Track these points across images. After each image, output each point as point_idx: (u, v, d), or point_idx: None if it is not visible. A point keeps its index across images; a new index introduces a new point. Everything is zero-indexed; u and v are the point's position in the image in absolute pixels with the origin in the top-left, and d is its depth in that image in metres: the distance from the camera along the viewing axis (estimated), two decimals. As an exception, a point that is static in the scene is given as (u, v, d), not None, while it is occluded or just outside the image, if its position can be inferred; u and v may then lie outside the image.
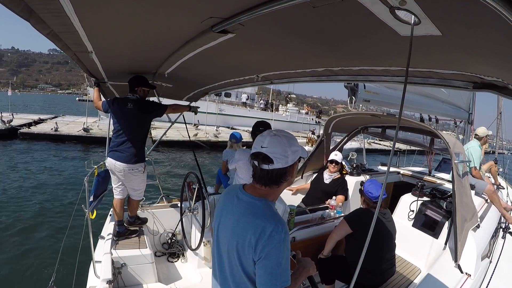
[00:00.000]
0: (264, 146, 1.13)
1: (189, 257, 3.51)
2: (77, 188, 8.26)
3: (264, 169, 1.13)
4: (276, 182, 1.16)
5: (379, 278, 2.60)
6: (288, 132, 1.24)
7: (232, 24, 1.25)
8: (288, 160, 1.13)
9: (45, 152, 13.08)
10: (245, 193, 1.21)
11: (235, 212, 1.18)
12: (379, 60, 1.59)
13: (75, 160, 12.04)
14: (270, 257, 1.04)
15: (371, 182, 2.71)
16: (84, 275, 2.66)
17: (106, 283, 2.28)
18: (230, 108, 27.98)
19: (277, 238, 1.04)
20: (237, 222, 1.15)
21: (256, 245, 1.05)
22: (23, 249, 5.15)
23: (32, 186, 8.46)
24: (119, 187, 3.23)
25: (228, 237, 1.17)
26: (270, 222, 1.07)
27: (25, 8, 1.12)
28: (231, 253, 1.15)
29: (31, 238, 5.57)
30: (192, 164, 12.84)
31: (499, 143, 9.65)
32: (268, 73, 2.39)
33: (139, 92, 3.11)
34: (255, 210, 1.14)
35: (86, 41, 1.68)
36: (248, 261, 1.10)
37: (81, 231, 2.83)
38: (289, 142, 1.15)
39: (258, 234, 1.06)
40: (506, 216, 4.17)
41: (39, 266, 4.66)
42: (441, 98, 5.11)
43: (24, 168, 10.24)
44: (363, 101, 3.58)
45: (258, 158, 1.13)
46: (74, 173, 10.19)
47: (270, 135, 1.16)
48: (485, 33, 0.93)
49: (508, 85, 1.27)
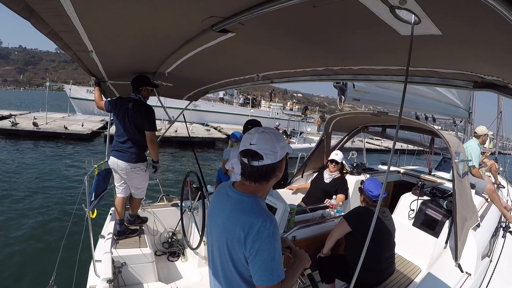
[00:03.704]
0: (253, 143, 1.15)
1: (189, 256, 3.52)
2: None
3: (254, 166, 1.15)
4: (265, 178, 1.18)
5: (379, 276, 2.60)
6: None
7: (232, 24, 1.25)
8: (277, 155, 1.16)
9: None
10: (234, 190, 1.23)
11: (225, 209, 1.20)
12: (379, 59, 1.59)
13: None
14: (262, 252, 1.06)
15: (371, 181, 2.71)
16: (85, 274, 2.66)
17: (106, 282, 2.28)
18: (205, 103, 26.45)
19: (265, 233, 1.06)
20: (227, 219, 1.16)
21: (246, 241, 1.07)
22: (23, 248, 5.16)
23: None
24: (122, 185, 3.25)
25: (219, 234, 1.19)
26: (258, 218, 1.08)
27: (25, 7, 1.13)
28: (222, 250, 1.17)
29: (32, 237, 5.57)
30: (192, 163, 12.85)
31: (504, 143, 9.64)
32: (268, 72, 2.39)
33: (143, 91, 3.13)
34: (243, 206, 1.16)
35: (86, 40, 1.68)
36: (239, 258, 1.11)
37: (81, 230, 2.84)
38: (277, 138, 1.17)
39: (246, 230, 1.07)
40: (506, 216, 4.17)
41: (40, 265, 4.67)
42: (439, 98, 5.10)
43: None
44: (352, 99, 3.58)
45: (248, 155, 1.15)
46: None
47: (258, 132, 1.18)
48: (485, 32, 0.93)
49: (508, 84, 1.27)
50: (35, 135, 15.28)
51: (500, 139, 9.37)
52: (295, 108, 33.30)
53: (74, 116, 22.95)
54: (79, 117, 22.37)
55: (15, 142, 14.07)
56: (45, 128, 16.17)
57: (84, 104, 25.28)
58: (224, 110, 27.59)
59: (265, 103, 34.05)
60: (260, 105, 32.85)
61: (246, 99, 31.66)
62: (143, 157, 3.21)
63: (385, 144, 24.30)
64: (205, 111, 25.68)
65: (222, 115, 26.93)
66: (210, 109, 26.36)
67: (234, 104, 30.61)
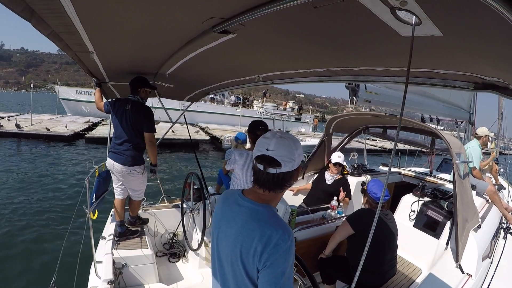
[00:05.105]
0: (270, 149, 1.06)
1: (190, 257, 3.52)
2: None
3: (270, 173, 1.06)
4: (280, 186, 1.11)
5: (380, 278, 2.60)
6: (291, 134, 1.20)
7: (233, 25, 1.25)
8: (295, 163, 1.08)
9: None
10: (245, 199, 1.14)
11: (237, 220, 1.11)
12: (380, 60, 1.59)
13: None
14: (275, 266, 1.00)
15: (375, 182, 2.71)
16: (85, 275, 2.66)
17: (107, 284, 2.28)
18: (194, 104, 25.82)
19: (283, 246, 1.00)
20: (241, 231, 1.08)
21: (262, 253, 1.00)
22: (24, 249, 5.16)
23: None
24: (120, 187, 3.24)
25: (231, 247, 1.10)
26: (277, 230, 1.02)
27: (26, 8, 1.13)
28: (235, 263, 1.09)
29: (32, 238, 5.57)
30: (193, 164, 12.85)
31: (506, 144, 9.64)
32: (269, 73, 2.39)
33: (141, 93, 3.12)
34: (259, 217, 1.08)
35: (87, 41, 1.69)
36: (253, 270, 1.05)
37: (82, 231, 2.84)
38: (295, 145, 1.10)
39: (264, 242, 1.01)
40: (507, 217, 4.16)
41: (40, 266, 4.67)
42: (441, 98, 5.10)
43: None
44: (364, 101, 3.57)
45: (265, 161, 1.06)
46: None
47: (275, 136, 1.09)
48: (486, 34, 0.93)
49: (509, 86, 1.27)
50: (17, 136, 15.30)
51: (501, 139, 9.36)
52: (288, 108, 32.77)
53: (62, 118, 22.60)
54: (67, 119, 22.16)
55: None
56: (29, 129, 16.17)
57: (74, 105, 25.11)
58: (213, 110, 26.91)
59: (258, 103, 33.18)
60: (252, 105, 32.08)
61: (238, 99, 30.63)
62: (140, 160, 3.16)
63: (379, 144, 24.26)
64: (193, 111, 24.37)
65: (213, 115, 26.42)
66: (197, 109, 24.93)
67: (226, 104, 29.83)
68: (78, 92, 25.24)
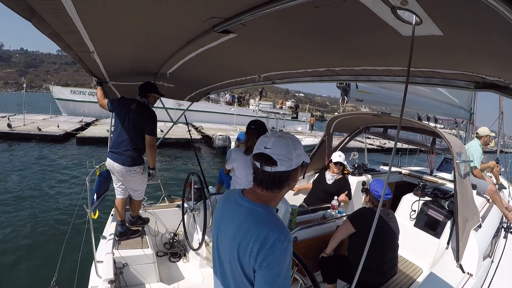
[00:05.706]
0: (268, 147, 1.07)
1: (191, 257, 3.52)
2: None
3: (266, 171, 1.07)
4: (278, 186, 1.10)
5: (381, 278, 2.60)
6: (293, 134, 1.21)
7: (233, 24, 1.25)
8: (292, 163, 1.08)
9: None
10: (245, 198, 1.14)
11: (235, 219, 1.12)
12: (381, 60, 1.59)
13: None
14: (271, 266, 1.00)
15: (377, 182, 2.72)
16: (86, 275, 2.66)
17: (108, 283, 2.28)
18: (189, 102, 25.78)
19: (279, 247, 1.00)
20: (238, 230, 1.08)
21: (258, 254, 1.01)
22: (24, 248, 5.17)
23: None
24: (120, 187, 3.24)
25: (229, 246, 1.11)
26: (274, 230, 1.02)
27: (27, 8, 1.13)
28: (233, 263, 1.09)
29: (32, 237, 5.58)
30: (193, 164, 12.86)
31: (506, 142, 9.63)
32: (269, 73, 2.39)
33: (150, 97, 3.17)
34: (257, 217, 1.08)
35: (87, 41, 1.68)
36: (249, 270, 1.05)
37: (83, 231, 2.84)
38: (294, 145, 1.10)
39: (260, 242, 1.01)
40: (507, 216, 4.16)
41: (41, 266, 4.68)
42: (438, 98, 5.10)
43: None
44: (355, 100, 3.57)
45: (261, 159, 1.07)
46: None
47: (274, 135, 1.11)
48: (487, 33, 0.93)
49: (509, 85, 1.27)
50: (9, 137, 15.27)
51: (502, 137, 9.35)
52: (285, 107, 32.43)
53: (56, 118, 22.51)
54: (61, 119, 22.09)
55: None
56: (21, 129, 16.17)
57: (69, 105, 25.01)
58: (208, 109, 26.77)
59: (254, 101, 32.71)
60: (248, 104, 31.96)
61: (233, 97, 30.61)
62: (139, 160, 3.16)
63: (377, 143, 24.24)
64: (188, 110, 24.73)
65: (208, 114, 26.40)
66: (192, 108, 25.40)
67: (221, 103, 29.67)
68: (72, 92, 25.17)
